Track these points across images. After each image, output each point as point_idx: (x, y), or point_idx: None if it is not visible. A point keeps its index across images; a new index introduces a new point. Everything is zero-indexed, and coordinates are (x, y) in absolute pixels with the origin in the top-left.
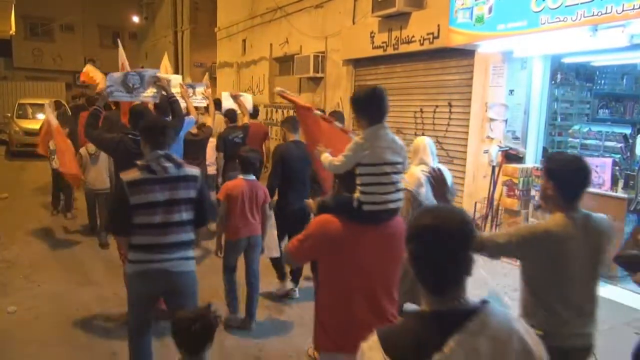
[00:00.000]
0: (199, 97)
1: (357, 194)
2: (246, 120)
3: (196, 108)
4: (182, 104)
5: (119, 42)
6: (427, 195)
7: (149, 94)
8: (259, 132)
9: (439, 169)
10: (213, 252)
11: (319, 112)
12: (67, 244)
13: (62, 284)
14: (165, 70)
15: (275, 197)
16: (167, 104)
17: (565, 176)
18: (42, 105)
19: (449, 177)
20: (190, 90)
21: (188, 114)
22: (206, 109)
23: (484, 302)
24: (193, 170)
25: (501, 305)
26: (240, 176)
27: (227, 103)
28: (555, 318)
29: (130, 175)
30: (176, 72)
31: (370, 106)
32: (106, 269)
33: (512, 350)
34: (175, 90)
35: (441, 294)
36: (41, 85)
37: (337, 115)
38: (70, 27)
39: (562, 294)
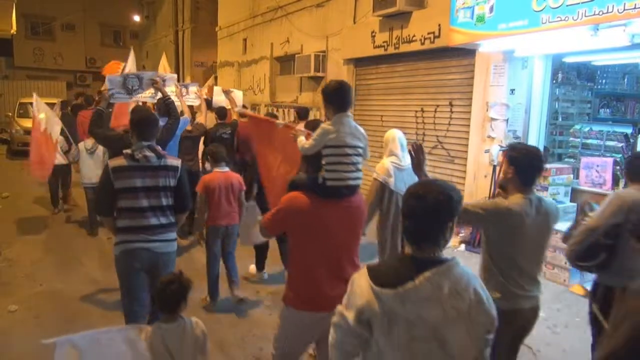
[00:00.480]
0: (192, 96)
1: (322, 172)
2: (235, 116)
3: (190, 107)
4: (176, 103)
5: (132, 50)
6: (395, 184)
7: (147, 95)
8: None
9: (420, 144)
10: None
11: (281, 122)
12: (68, 243)
13: (63, 282)
14: (163, 70)
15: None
16: (163, 104)
17: (523, 162)
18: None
19: (410, 171)
20: (184, 90)
21: (182, 113)
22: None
23: (453, 258)
24: (174, 161)
25: None
26: (215, 169)
27: (219, 98)
28: (510, 283)
29: (115, 162)
30: (177, 71)
31: (336, 97)
32: (107, 268)
33: (468, 297)
34: (170, 89)
35: (418, 246)
36: (42, 84)
37: (314, 125)
38: (71, 26)
39: (517, 263)
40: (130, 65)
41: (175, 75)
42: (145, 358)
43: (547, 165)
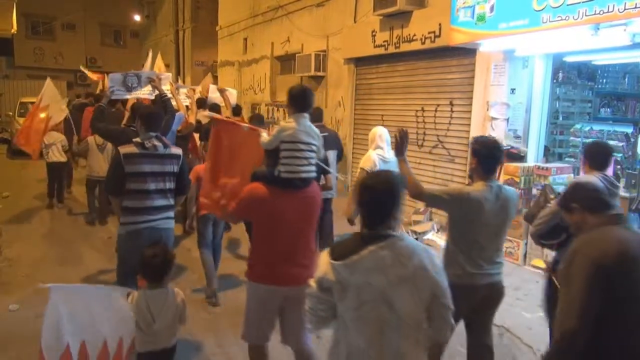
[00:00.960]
0: (182, 97)
1: (279, 166)
2: (228, 113)
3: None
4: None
5: (150, 51)
6: None
7: (145, 92)
8: None
9: (405, 130)
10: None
11: (246, 125)
12: (68, 242)
13: (64, 281)
14: (158, 70)
15: None
16: (160, 101)
17: (484, 154)
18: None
19: (393, 164)
20: (175, 91)
21: (178, 109)
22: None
23: (400, 234)
24: (177, 150)
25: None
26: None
27: (214, 96)
28: (468, 262)
29: (126, 149)
30: (177, 70)
31: (298, 99)
32: (109, 266)
33: (411, 266)
34: (166, 87)
35: (368, 225)
36: (42, 84)
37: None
38: (72, 25)
39: (475, 244)
40: (149, 65)
41: (170, 74)
42: (126, 314)
43: (548, 165)
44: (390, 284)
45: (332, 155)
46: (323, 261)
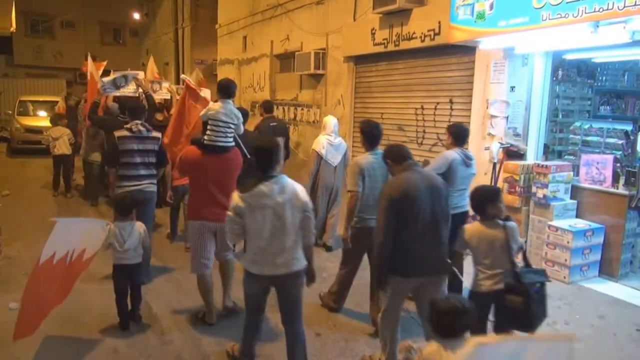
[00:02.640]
0: (164, 91)
1: (205, 135)
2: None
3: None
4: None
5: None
6: (326, 155)
7: (130, 89)
8: None
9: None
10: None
11: (203, 94)
12: None
13: None
14: (151, 70)
15: None
16: (146, 97)
17: (366, 131)
18: (43, 102)
19: (343, 149)
20: (157, 85)
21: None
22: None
23: (281, 174)
24: (156, 134)
25: None
26: None
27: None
28: (364, 212)
29: (120, 132)
30: (177, 68)
31: (224, 89)
32: (110, 266)
33: (289, 192)
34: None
35: (263, 170)
36: (42, 82)
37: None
38: (71, 24)
39: (370, 197)
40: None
41: (143, 73)
42: (96, 236)
43: (547, 163)
44: (278, 204)
45: (280, 142)
46: (235, 196)
